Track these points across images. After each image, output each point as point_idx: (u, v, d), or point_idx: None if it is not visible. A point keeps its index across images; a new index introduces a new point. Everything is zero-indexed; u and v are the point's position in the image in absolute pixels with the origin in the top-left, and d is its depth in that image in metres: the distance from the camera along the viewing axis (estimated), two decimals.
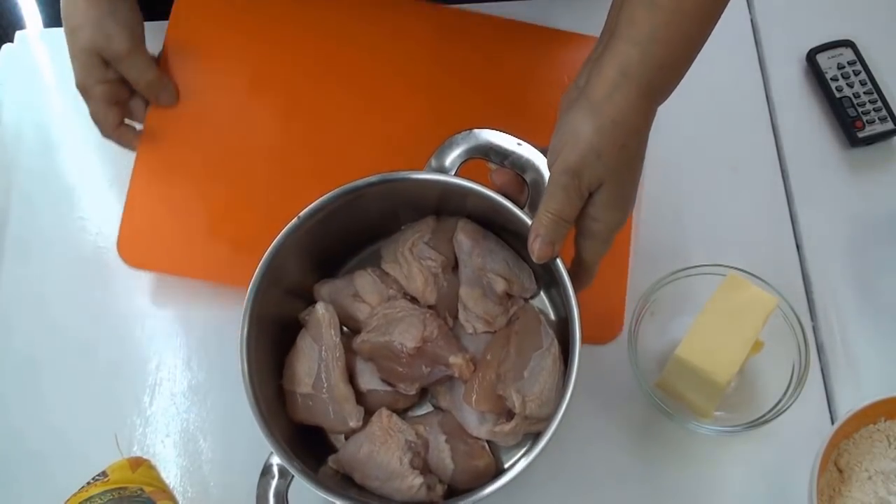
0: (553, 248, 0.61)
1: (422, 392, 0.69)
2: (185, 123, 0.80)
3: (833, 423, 0.68)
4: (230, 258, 0.77)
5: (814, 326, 0.78)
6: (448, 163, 0.66)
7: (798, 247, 0.81)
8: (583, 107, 0.58)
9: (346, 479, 0.65)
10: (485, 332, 0.68)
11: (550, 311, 0.73)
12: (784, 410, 0.68)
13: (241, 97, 0.82)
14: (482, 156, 0.65)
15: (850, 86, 0.86)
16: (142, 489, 0.63)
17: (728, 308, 0.68)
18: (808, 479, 0.66)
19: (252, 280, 0.64)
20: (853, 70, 0.86)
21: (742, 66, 0.89)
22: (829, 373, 0.76)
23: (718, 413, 0.72)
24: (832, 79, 0.86)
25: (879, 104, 0.84)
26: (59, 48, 0.75)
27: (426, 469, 0.65)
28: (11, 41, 0.92)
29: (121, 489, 0.62)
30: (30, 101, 0.89)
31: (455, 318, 0.70)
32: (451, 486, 0.65)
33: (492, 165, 0.65)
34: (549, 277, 0.66)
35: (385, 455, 0.63)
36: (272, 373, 0.68)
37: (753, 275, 0.70)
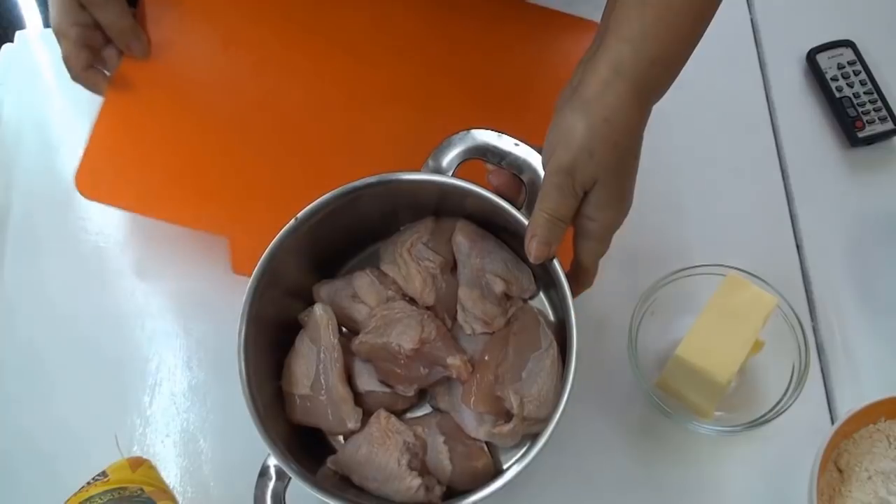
0: (549, 248, 0.61)
1: (420, 393, 0.69)
2: (158, 74, 0.79)
3: (833, 423, 0.68)
4: (192, 202, 0.76)
5: (814, 326, 0.78)
6: (445, 163, 0.66)
7: (798, 247, 0.81)
8: (575, 105, 0.58)
9: (345, 481, 0.65)
10: (483, 333, 0.68)
11: (550, 313, 0.73)
12: (784, 410, 0.68)
13: (216, 53, 0.82)
14: (480, 156, 0.65)
15: (850, 86, 0.86)
16: (142, 489, 0.63)
17: (728, 308, 0.68)
18: (808, 479, 0.66)
19: (250, 280, 0.64)
20: (853, 70, 0.86)
21: (742, 66, 0.89)
22: (829, 373, 0.76)
23: (718, 413, 0.71)
24: (832, 79, 0.86)
25: (879, 104, 0.84)
26: (59, 48, 0.75)
27: (424, 470, 0.65)
28: (11, 41, 0.92)
29: (121, 489, 0.62)
30: (30, 101, 0.89)
31: (453, 320, 0.70)
32: (450, 488, 0.65)
33: (489, 166, 0.65)
34: (548, 278, 0.66)
35: (383, 456, 0.63)
36: (271, 374, 0.68)
37: (753, 275, 0.70)
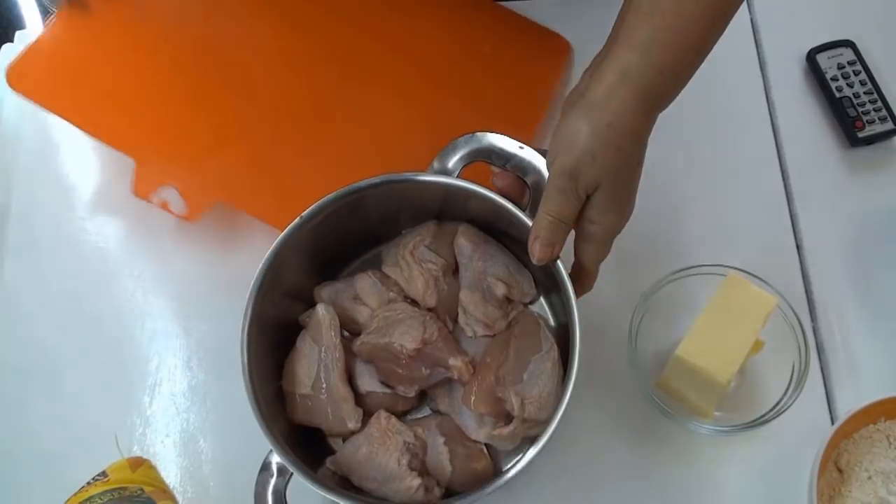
0: (552, 250, 0.61)
1: (421, 396, 0.69)
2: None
3: (833, 423, 0.68)
4: (110, 118, 0.77)
5: (814, 326, 0.78)
6: (451, 165, 0.66)
7: (798, 247, 0.81)
8: (580, 109, 0.58)
9: (344, 481, 0.65)
10: (484, 336, 0.68)
11: (550, 317, 0.73)
12: (784, 410, 0.68)
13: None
14: (484, 158, 0.65)
15: (850, 86, 0.85)
16: (142, 489, 0.63)
17: (728, 308, 0.68)
18: (808, 479, 0.66)
19: (253, 281, 0.65)
20: (853, 70, 0.86)
21: (742, 66, 0.89)
22: (829, 373, 0.76)
23: (718, 413, 0.72)
24: (832, 79, 0.86)
25: (879, 104, 0.84)
26: None
27: (424, 471, 0.65)
28: (11, 41, 0.92)
29: (121, 489, 0.62)
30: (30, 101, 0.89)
31: (455, 322, 0.70)
32: (449, 489, 0.65)
33: (494, 168, 0.66)
34: (549, 283, 0.66)
35: (383, 456, 0.63)
36: (272, 374, 0.68)
37: (753, 275, 0.70)
